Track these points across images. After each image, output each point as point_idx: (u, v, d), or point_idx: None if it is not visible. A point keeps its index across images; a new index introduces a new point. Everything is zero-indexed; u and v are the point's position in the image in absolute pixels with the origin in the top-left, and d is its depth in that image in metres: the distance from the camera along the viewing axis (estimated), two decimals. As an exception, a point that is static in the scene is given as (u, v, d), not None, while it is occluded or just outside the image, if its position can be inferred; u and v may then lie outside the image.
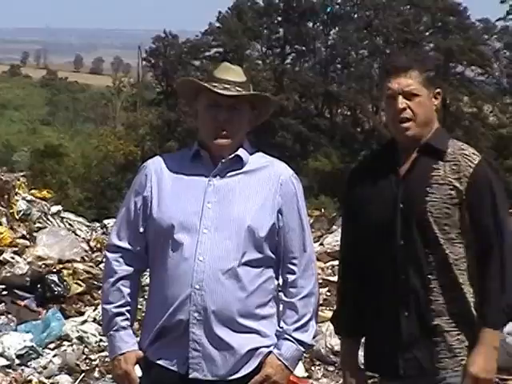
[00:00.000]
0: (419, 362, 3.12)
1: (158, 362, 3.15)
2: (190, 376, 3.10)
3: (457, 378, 3.11)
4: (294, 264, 3.19)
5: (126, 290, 3.23)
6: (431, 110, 3.19)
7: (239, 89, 3.13)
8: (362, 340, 3.38)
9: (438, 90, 3.21)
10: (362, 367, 3.35)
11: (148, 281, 3.32)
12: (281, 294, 3.24)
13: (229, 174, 3.18)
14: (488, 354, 3.07)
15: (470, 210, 3.11)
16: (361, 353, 3.38)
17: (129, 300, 3.23)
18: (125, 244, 3.23)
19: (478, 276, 3.13)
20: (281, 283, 3.24)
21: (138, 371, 3.24)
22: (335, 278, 9.22)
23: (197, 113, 3.22)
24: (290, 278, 3.19)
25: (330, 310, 7.95)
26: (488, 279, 3.09)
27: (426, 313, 3.11)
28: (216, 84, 3.12)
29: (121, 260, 3.23)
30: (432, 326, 3.11)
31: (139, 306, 3.46)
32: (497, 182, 3.15)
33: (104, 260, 3.46)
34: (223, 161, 3.17)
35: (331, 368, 6.49)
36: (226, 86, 3.12)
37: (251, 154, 3.23)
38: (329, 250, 10.92)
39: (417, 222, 3.10)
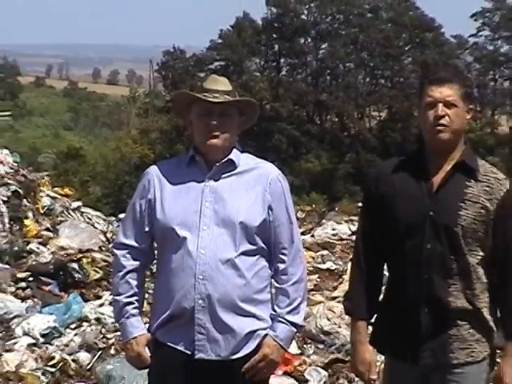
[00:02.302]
0: (434, 353, 3.11)
1: (167, 343, 3.15)
2: (196, 357, 3.11)
3: (467, 367, 3.11)
4: (283, 254, 3.20)
5: (134, 282, 3.23)
6: (464, 122, 3.15)
7: (227, 96, 3.16)
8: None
9: (471, 106, 3.19)
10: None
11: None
12: (273, 281, 3.24)
13: (223, 176, 3.18)
14: None
15: (494, 229, 3.10)
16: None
17: (137, 291, 3.24)
18: (131, 242, 3.23)
19: (498, 295, 3.14)
20: (273, 272, 3.23)
21: (148, 352, 3.23)
22: (324, 266, 9.29)
23: (191, 122, 3.23)
24: (281, 266, 3.20)
25: (319, 294, 7.92)
26: (509, 299, 3.10)
27: (444, 311, 3.09)
28: (207, 94, 3.14)
29: (128, 256, 3.23)
30: (448, 321, 3.10)
31: (150, 291, 3.43)
32: None
33: (112, 256, 3.43)
34: (217, 164, 3.18)
35: (321, 346, 6.47)
36: (216, 95, 3.14)
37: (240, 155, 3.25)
38: (319, 241, 10.85)
39: (445, 231, 3.07)
